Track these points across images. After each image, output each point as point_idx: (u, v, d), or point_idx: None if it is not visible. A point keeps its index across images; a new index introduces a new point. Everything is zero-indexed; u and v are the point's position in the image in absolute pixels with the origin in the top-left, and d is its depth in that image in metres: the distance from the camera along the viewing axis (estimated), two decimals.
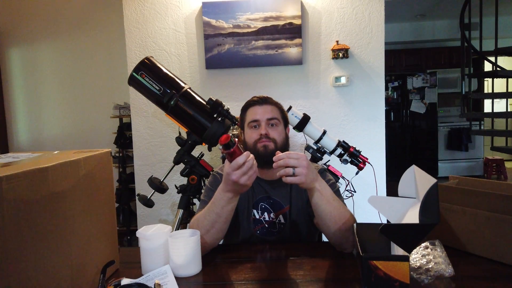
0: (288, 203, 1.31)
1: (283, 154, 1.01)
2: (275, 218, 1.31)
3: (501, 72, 3.76)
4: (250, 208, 1.31)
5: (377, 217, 2.18)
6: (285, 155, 1.01)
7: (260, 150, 1.27)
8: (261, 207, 1.32)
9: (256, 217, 1.31)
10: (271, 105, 1.34)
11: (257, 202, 1.32)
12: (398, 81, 5.46)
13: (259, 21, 2.68)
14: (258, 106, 1.33)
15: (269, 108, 1.32)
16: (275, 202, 1.31)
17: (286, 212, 1.30)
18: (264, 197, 1.32)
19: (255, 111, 1.32)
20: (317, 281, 0.95)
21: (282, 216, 1.31)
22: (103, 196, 0.99)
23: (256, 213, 1.31)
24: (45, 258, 0.75)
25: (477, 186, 1.19)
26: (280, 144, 1.30)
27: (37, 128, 3.78)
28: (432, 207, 0.82)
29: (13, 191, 0.67)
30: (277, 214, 1.31)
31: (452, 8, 4.74)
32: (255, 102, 1.34)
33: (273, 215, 1.31)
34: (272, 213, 1.31)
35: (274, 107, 1.34)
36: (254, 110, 1.33)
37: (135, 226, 3.11)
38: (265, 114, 1.31)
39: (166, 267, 0.98)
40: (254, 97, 1.36)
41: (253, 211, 1.31)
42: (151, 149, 2.83)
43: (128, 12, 2.74)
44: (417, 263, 0.93)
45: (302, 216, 1.30)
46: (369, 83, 2.76)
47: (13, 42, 3.70)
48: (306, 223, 1.31)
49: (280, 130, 1.32)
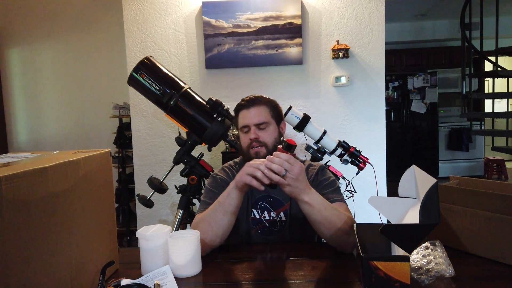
0: (288, 200, 1.30)
1: (284, 155, 1.00)
2: (276, 216, 1.30)
3: (502, 72, 3.76)
4: (250, 208, 1.31)
5: (378, 217, 2.18)
6: (287, 156, 1.00)
7: (252, 156, 1.27)
8: (261, 206, 1.31)
9: (256, 216, 1.31)
10: (259, 107, 1.31)
11: (256, 202, 1.32)
12: (398, 81, 5.46)
13: (259, 21, 2.67)
14: (246, 110, 1.32)
15: (256, 112, 1.30)
16: (274, 200, 1.31)
17: (287, 209, 1.30)
18: (263, 196, 1.32)
19: (244, 115, 1.32)
20: (317, 282, 0.95)
21: (283, 213, 1.30)
22: (102, 197, 0.98)
23: (256, 213, 1.31)
24: (44, 258, 0.75)
25: (478, 186, 1.19)
26: (272, 146, 1.30)
27: (37, 128, 3.78)
28: (433, 208, 0.81)
29: (13, 191, 0.67)
30: (278, 212, 1.30)
31: (453, 8, 4.74)
32: (243, 106, 1.33)
33: (273, 214, 1.30)
34: (272, 212, 1.30)
35: (263, 107, 1.32)
36: (243, 115, 1.32)
37: (135, 226, 3.11)
38: (252, 119, 1.30)
39: (166, 268, 0.97)
40: (243, 100, 1.34)
41: (253, 210, 1.31)
42: (150, 149, 2.83)
43: (127, 12, 2.74)
44: (417, 264, 0.92)
45: (303, 214, 1.30)
46: (370, 83, 2.76)
47: (12, 42, 3.70)
48: (307, 221, 1.30)
49: (271, 131, 1.31)
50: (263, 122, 1.30)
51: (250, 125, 1.29)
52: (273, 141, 1.30)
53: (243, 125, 1.31)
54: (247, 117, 1.30)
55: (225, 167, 1.39)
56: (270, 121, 1.32)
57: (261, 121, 1.30)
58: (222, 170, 1.38)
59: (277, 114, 1.36)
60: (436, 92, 5.47)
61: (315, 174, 1.30)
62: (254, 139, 1.28)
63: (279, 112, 1.37)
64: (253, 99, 1.33)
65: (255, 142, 1.28)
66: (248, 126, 1.30)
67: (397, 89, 5.50)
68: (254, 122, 1.29)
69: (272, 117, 1.33)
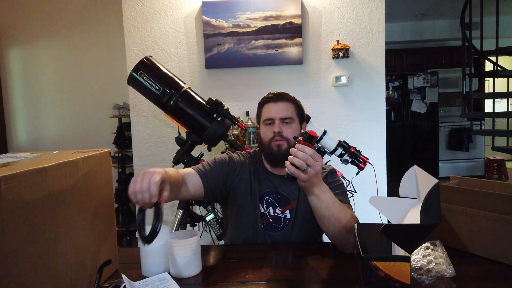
0: (296, 199, 1.31)
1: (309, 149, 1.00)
2: (281, 213, 1.30)
3: (502, 71, 3.75)
4: (257, 201, 1.31)
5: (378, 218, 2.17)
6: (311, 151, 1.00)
7: (274, 149, 1.28)
8: (267, 201, 1.32)
9: (261, 210, 1.31)
10: (286, 102, 1.33)
11: (263, 196, 1.32)
12: (398, 80, 5.46)
13: (259, 21, 2.67)
14: (273, 103, 1.32)
15: (283, 106, 1.32)
16: (282, 197, 1.31)
17: (293, 207, 1.30)
18: (271, 191, 1.32)
19: (269, 109, 1.32)
20: (318, 282, 0.95)
21: (289, 211, 1.30)
22: (102, 197, 0.98)
23: (261, 207, 1.31)
24: (44, 258, 0.74)
25: (478, 186, 1.19)
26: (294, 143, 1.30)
27: (36, 128, 3.77)
28: (433, 208, 0.81)
29: (12, 191, 0.67)
30: (284, 209, 1.31)
31: (453, 8, 4.74)
32: (270, 99, 1.34)
33: (279, 210, 1.31)
34: (278, 208, 1.31)
35: (290, 103, 1.33)
36: (269, 108, 1.33)
37: (135, 226, 3.10)
38: (279, 113, 1.30)
39: (165, 274, 0.98)
40: (270, 94, 1.36)
41: (259, 204, 1.31)
42: (150, 149, 2.82)
43: (127, 11, 2.74)
44: (418, 264, 0.92)
45: (310, 213, 1.29)
46: (370, 82, 2.76)
47: (12, 42, 3.69)
48: (312, 221, 1.30)
49: (294, 128, 1.32)
50: (289, 117, 1.31)
51: (276, 118, 1.30)
52: None
53: (268, 117, 1.31)
54: (273, 110, 1.31)
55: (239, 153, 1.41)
56: (295, 118, 1.33)
57: (287, 116, 1.31)
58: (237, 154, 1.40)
59: (301, 114, 1.37)
60: (436, 92, 5.46)
61: (324, 177, 1.32)
62: (278, 132, 1.28)
63: (302, 112, 1.38)
64: (281, 93, 1.35)
65: (278, 136, 1.28)
66: (273, 119, 1.31)
67: (397, 89, 5.50)
68: (280, 116, 1.30)
69: (297, 115, 1.34)
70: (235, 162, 1.35)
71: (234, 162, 1.35)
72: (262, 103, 1.37)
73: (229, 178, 1.32)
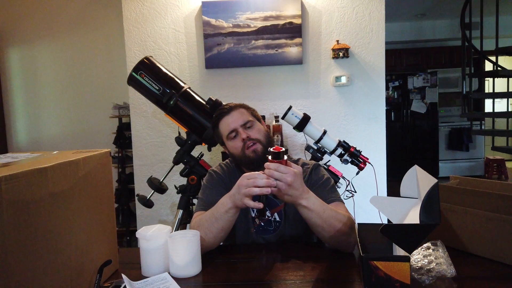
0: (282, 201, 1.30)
1: (272, 165, 0.98)
2: (270, 216, 1.30)
3: (502, 71, 3.76)
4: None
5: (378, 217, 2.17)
6: (275, 165, 0.98)
7: (250, 156, 1.27)
8: None
9: (252, 215, 1.31)
10: (238, 109, 1.33)
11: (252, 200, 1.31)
12: (398, 80, 5.46)
13: (259, 21, 2.67)
14: (227, 116, 1.32)
15: (238, 114, 1.32)
16: (269, 200, 1.30)
17: (281, 210, 1.30)
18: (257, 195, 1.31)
19: (227, 122, 1.32)
20: (317, 282, 0.95)
21: (277, 214, 1.30)
22: (102, 197, 0.98)
23: (251, 211, 1.31)
24: (44, 259, 0.74)
25: (478, 186, 1.18)
26: (265, 140, 1.30)
27: (36, 128, 3.77)
28: (433, 208, 0.81)
29: (12, 191, 0.67)
30: (272, 212, 1.30)
31: (453, 8, 4.74)
32: (223, 114, 1.33)
33: (268, 213, 1.30)
34: (267, 211, 1.30)
35: (241, 109, 1.34)
36: (225, 121, 1.32)
37: (135, 226, 3.11)
38: (237, 121, 1.30)
39: (165, 274, 0.98)
40: (219, 110, 1.36)
41: (249, 209, 1.31)
42: (150, 149, 2.82)
43: (127, 11, 2.74)
44: (418, 264, 0.92)
45: (299, 214, 1.29)
46: (370, 82, 2.76)
47: (12, 42, 3.69)
48: (303, 221, 1.30)
49: (258, 128, 1.32)
50: (248, 120, 1.31)
51: (237, 127, 1.30)
52: (264, 137, 1.31)
53: (229, 130, 1.31)
54: (232, 121, 1.31)
55: (222, 164, 1.40)
56: (253, 119, 1.33)
57: (246, 120, 1.31)
58: (219, 166, 1.39)
59: (254, 113, 1.38)
60: (436, 92, 5.46)
61: (308, 174, 1.29)
62: (246, 138, 1.28)
63: (255, 111, 1.39)
64: (230, 105, 1.36)
65: (248, 141, 1.27)
66: (235, 129, 1.30)
67: (397, 89, 5.50)
68: (240, 123, 1.30)
69: (252, 116, 1.35)
70: (221, 175, 1.34)
71: (221, 175, 1.34)
72: (215, 122, 1.36)
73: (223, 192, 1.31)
